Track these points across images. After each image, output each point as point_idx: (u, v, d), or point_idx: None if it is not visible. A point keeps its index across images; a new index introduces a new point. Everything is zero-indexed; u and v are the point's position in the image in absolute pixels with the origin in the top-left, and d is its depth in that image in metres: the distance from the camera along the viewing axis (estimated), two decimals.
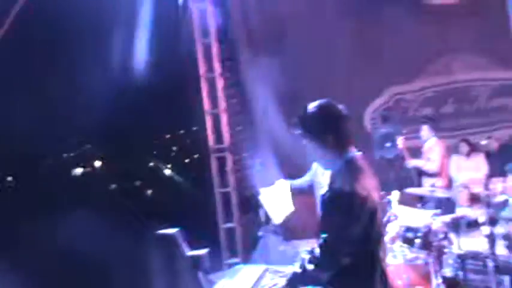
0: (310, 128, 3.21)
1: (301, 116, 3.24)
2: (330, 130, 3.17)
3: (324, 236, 3.04)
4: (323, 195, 3.14)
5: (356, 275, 3.08)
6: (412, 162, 8.95)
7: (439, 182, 8.55)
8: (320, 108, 3.23)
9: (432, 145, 8.83)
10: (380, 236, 3.17)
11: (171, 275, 3.25)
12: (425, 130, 8.93)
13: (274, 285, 3.49)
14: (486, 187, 4.94)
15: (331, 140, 3.16)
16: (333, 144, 3.17)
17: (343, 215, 3.00)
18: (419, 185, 8.42)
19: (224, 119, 10.13)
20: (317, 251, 3.08)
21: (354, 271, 3.06)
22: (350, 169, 3.13)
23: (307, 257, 3.15)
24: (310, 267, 3.10)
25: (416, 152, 9.21)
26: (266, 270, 4.06)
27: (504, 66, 10.53)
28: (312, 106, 3.24)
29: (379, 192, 3.24)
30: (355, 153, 3.24)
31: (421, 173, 9.04)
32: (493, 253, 4.72)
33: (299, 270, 3.18)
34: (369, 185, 3.10)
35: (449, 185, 9.41)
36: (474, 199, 9.07)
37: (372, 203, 3.05)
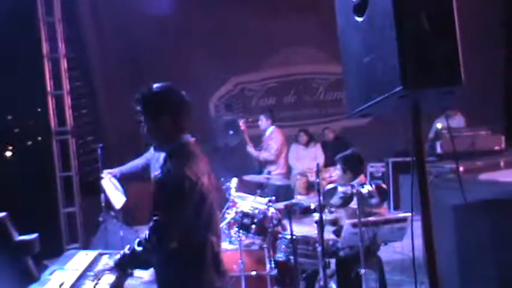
0: (149, 106, 3.23)
1: (144, 94, 3.25)
2: (168, 112, 3.20)
3: (154, 218, 3.05)
4: (154, 178, 3.17)
5: (185, 258, 3.14)
6: (248, 149, 9.18)
7: (278, 169, 8.88)
8: (162, 89, 3.26)
9: (270, 133, 9.11)
10: (211, 220, 3.23)
11: None
12: (262, 119, 9.20)
13: (105, 268, 3.46)
14: (318, 175, 5.19)
15: (167, 122, 3.19)
16: (168, 127, 3.20)
17: (172, 197, 3.05)
18: (261, 171, 8.68)
19: (67, 101, 9.80)
20: (147, 232, 3.09)
21: (183, 255, 3.12)
22: (181, 153, 3.18)
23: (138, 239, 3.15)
24: (139, 249, 3.10)
25: (257, 140, 9.49)
26: (100, 255, 4.03)
27: (340, 60, 11.15)
28: (155, 86, 3.26)
29: (211, 178, 3.29)
30: (188, 138, 3.28)
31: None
32: (322, 238, 4.97)
33: (128, 252, 3.18)
34: (200, 169, 3.15)
35: (289, 173, 9.79)
36: (310, 187, 9.51)
37: (201, 188, 3.11)
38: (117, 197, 7.31)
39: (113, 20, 10.98)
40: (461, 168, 6.27)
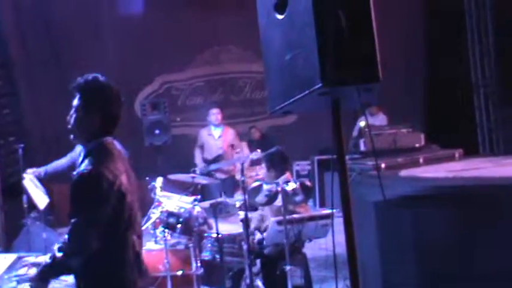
0: (88, 96, 3.13)
1: (87, 81, 3.15)
2: (102, 110, 3.12)
3: (72, 220, 2.97)
4: (72, 177, 3.08)
5: (107, 258, 3.06)
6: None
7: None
8: (109, 85, 3.18)
9: (225, 130, 9.16)
10: (131, 219, 3.16)
11: None
12: (219, 113, 9.20)
13: (25, 275, 3.35)
14: (243, 174, 5.21)
15: (98, 120, 3.11)
16: (96, 125, 3.12)
17: (90, 197, 2.97)
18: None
19: None
20: (66, 237, 3.00)
21: (105, 255, 3.04)
22: (99, 152, 3.10)
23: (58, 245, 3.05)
24: (60, 255, 3.00)
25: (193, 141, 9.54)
26: (19, 258, 3.92)
27: None
28: (101, 78, 3.17)
29: (130, 177, 3.22)
30: (108, 137, 3.19)
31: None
32: (247, 236, 5.00)
33: (49, 260, 3.07)
34: (117, 168, 3.08)
35: None
36: (237, 185, 9.52)
37: (120, 187, 3.04)
38: (40, 196, 7.14)
39: (36, 18, 10.71)
40: (383, 165, 6.43)
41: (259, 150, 8.62)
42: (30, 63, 10.59)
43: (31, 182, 7.10)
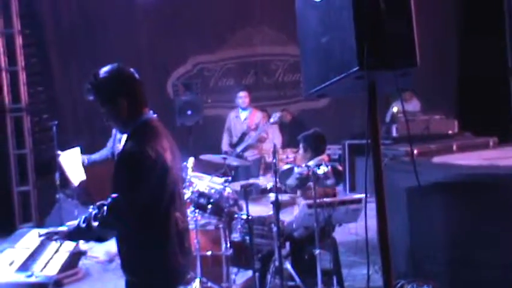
0: (102, 92, 3.18)
1: (92, 82, 3.19)
2: (122, 93, 3.16)
3: (113, 195, 3.03)
4: (116, 156, 3.16)
5: (147, 233, 3.13)
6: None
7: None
8: (110, 72, 3.20)
9: (254, 113, 9.16)
10: (174, 196, 3.21)
11: None
12: (247, 96, 9.17)
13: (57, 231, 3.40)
14: (274, 156, 5.19)
15: (123, 103, 3.15)
16: (126, 108, 3.15)
17: (132, 174, 3.03)
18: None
19: (23, 77, 9.63)
20: (104, 208, 3.05)
21: (146, 230, 3.12)
22: (143, 130, 3.15)
23: (94, 212, 3.09)
24: (95, 224, 3.05)
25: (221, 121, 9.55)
26: None
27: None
28: (102, 71, 3.20)
29: (175, 154, 3.27)
30: (150, 115, 3.25)
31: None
32: (277, 218, 4.99)
33: (83, 225, 3.12)
34: (161, 145, 3.12)
35: None
36: (268, 168, 9.54)
37: (163, 164, 3.08)
38: (75, 173, 7.27)
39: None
40: (415, 151, 6.38)
41: (278, 114, 8.65)
42: (63, 43, 10.66)
43: (68, 158, 7.22)
